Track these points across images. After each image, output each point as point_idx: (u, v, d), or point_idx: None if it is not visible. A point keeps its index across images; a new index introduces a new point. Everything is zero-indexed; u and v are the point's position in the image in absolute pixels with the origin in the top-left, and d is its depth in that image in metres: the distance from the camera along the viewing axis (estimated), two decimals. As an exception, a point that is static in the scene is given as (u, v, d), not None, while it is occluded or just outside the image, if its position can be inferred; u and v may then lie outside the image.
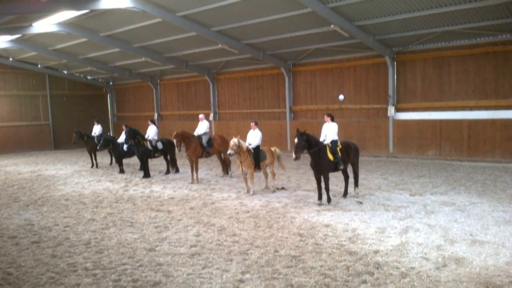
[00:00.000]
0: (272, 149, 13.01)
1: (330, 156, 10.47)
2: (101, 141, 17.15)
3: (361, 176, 14.39)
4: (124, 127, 16.57)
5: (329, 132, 10.85)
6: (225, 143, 15.30)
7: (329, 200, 10.58)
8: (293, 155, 10.25)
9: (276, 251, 7.30)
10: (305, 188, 12.83)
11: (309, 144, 10.20)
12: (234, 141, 11.74)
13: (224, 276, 6.31)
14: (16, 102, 28.46)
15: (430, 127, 17.73)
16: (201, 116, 15.97)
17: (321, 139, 10.75)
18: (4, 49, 24.25)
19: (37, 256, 7.52)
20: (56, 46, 23.51)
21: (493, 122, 16.24)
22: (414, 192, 11.67)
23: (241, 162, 11.87)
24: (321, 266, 6.56)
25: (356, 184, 11.54)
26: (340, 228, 8.51)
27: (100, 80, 32.18)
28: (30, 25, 18.47)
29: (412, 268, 6.41)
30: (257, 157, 12.10)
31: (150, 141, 16.11)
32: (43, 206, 11.68)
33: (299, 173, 15.55)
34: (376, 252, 7.11)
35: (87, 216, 10.33)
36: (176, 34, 19.35)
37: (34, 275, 6.64)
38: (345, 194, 11.35)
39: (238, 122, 24.90)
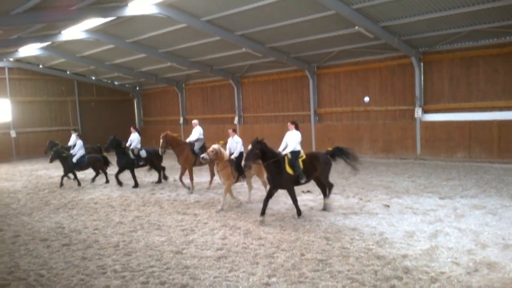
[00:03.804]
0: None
1: (289, 169, 9.50)
2: (52, 153, 15.80)
3: (387, 178, 14.26)
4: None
5: (290, 142, 9.88)
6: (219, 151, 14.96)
7: (299, 213, 9.76)
8: (242, 163, 9.57)
9: (302, 254, 7.27)
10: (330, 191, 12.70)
11: (263, 154, 9.31)
12: (214, 147, 11.06)
13: (250, 279, 6.32)
14: (46, 108, 29.20)
15: (458, 129, 17.34)
16: (194, 121, 15.53)
17: (280, 149, 9.93)
18: (34, 57, 24.99)
19: (68, 258, 7.70)
20: (84, 53, 24.05)
21: (524, 122, 15.79)
22: (444, 195, 11.43)
23: (218, 171, 11.11)
24: (348, 270, 6.50)
25: (328, 194, 10.50)
26: (367, 232, 8.41)
27: (127, 85, 32.73)
28: (59, 32, 18.95)
29: (442, 273, 6.28)
30: (240, 166, 10.97)
31: (133, 150, 15.24)
32: (73, 209, 11.95)
33: (324, 176, 15.43)
34: (405, 256, 6.99)
35: (115, 219, 10.51)
36: (200, 39, 19.53)
37: (65, 277, 6.79)
38: (325, 207, 10.43)
39: (262, 125, 24.92)
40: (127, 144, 15.34)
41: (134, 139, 15.36)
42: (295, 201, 9.76)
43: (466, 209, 9.88)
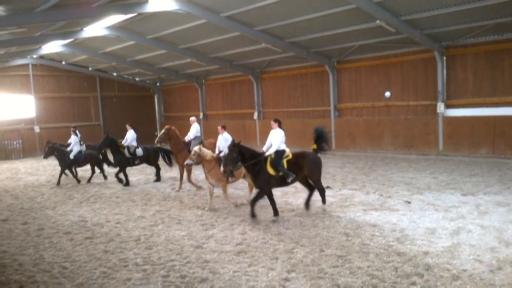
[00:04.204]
0: None
1: (270, 170, 9.12)
2: (46, 149, 15.71)
3: (409, 174, 14.08)
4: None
5: (273, 141, 9.48)
6: None
7: (252, 215, 9.18)
8: (221, 168, 9.35)
9: (322, 250, 7.25)
10: (350, 187, 12.64)
11: (242, 157, 9.02)
12: (195, 149, 10.62)
13: (269, 275, 6.34)
14: (69, 104, 29.76)
15: (482, 124, 16.98)
16: (192, 118, 15.10)
17: (264, 148, 9.60)
18: (57, 53, 25.45)
19: (90, 251, 7.85)
20: (106, 49, 24.38)
21: (551, 118, 15.38)
22: (466, 192, 11.23)
23: (206, 173, 10.60)
24: (368, 267, 6.46)
25: (323, 200, 10.00)
26: (387, 228, 8.34)
27: (147, 81, 33.07)
28: (82, 29, 19.24)
29: (464, 270, 6.19)
30: None
31: (128, 148, 14.77)
32: (96, 203, 12.17)
33: (344, 172, 15.34)
34: (426, 253, 6.91)
35: (137, 213, 10.66)
36: (220, 34, 19.58)
37: (88, 270, 6.93)
38: (306, 206, 9.90)
39: (282, 121, 24.74)
40: (123, 142, 14.90)
41: (129, 137, 14.94)
42: (254, 201, 9.23)
43: (489, 206, 9.69)
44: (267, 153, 9.31)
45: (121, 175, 14.78)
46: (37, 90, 28.29)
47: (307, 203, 9.93)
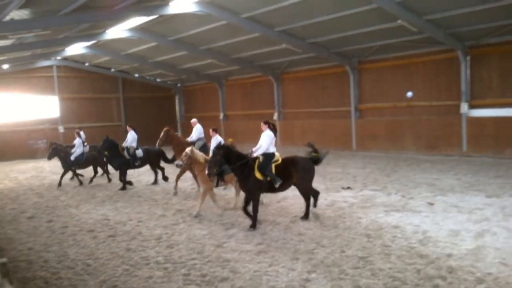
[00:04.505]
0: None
1: (258, 174, 8.68)
2: (50, 150, 15.76)
3: (432, 175, 13.87)
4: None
5: (262, 143, 9.03)
6: None
7: (253, 226, 8.76)
8: (206, 171, 9.10)
9: (343, 251, 7.21)
10: (371, 188, 12.52)
11: (228, 159, 8.68)
12: (186, 151, 10.31)
13: (290, 275, 6.33)
14: (92, 105, 30.25)
15: (508, 124, 16.59)
16: (193, 120, 14.78)
17: (254, 149, 9.19)
18: (81, 55, 25.92)
19: (113, 249, 7.97)
20: (128, 51, 24.71)
21: None
22: (491, 194, 10.99)
23: (195, 175, 10.23)
24: (390, 268, 6.38)
25: (305, 214, 9.39)
26: (409, 230, 8.23)
27: (169, 82, 33.39)
28: (104, 31, 19.56)
29: (489, 273, 6.06)
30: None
31: (128, 149, 14.40)
32: (118, 202, 12.34)
33: (365, 173, 15.20)
34: (449, 255, 6.79)
35: (158, 212, 10.77)
36: (240, 35, 19.64)
37: (110, 267, 7.04)
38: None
39: (302, 122, 24.83)
40: (123, 144, 14.63)
41: (129, 138, 14.58)
42: (255, 211, 8.79)
43: (515, 208, 9.47)
44: (254, 154, 8.96)
45: (125, 178, 14.44)
46: (61, 91, 28.87)
47: (315, 204, 9.51)
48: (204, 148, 13.11)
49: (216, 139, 11.66)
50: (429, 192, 11.48)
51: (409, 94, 19.28)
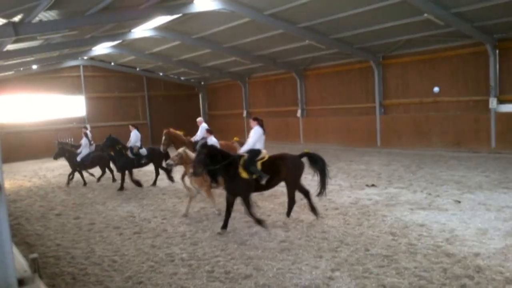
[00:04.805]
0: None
1: (243, 173, 8.39)
2: (57, 150, 15.85)
3: (459, 173, 13.57)
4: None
5: (250, 139, 8.81)
6: (231, 151, 13.56)
7: (260, 222, 8.55)
8: (190, 170, 8.92)
9: (367, 249, 7.13)
10: (397, 185, 12.34)
11: (211, 158, 8.34)
12: (178, 151, 10.19)
13: (313, 273, 6.30)
14: (118, 103, 30.76)
15: (539, 120, 16.13)
16: (198, 119, 14.57)
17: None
18: (107, 55, 26.38)
19: (138, 246, 8.09)
20: (153, 50, 25.00)
21: None
22: (521, 191, 10.70)
23: (189, 176, 10.03)
24: (416, 267, 6.28)
25: (288, 211, 9.20)
26: (436, 228, 8.08)
27: (192, 80, 33.65)
28: (129, 31, 19.82)
29: (519, 273, 5.90)
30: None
31: (131, 149, 14.21)
32: (143, 199, 12.52)
33: (389, 170, 14.99)
34: (477, 255, 6.64)
35: (182, 209, 10.86)
36: (263, 32, 19.62)
37: (136, 263, 7.15)
38: (314, 211, 9.09)
39: (326, 118, 24.66)
40: (127, 144, 14.46)
41: (132, 137, 14.44)
42: (249, 211, 8.55)
43: (547, 206, 9.19)
44: (240, 151, 8.77)
45: (135, 178, 14.26)
46: (87, 90, 29.44)
47: (313, 209, 9.09)
48: None
49: (211, 141, 11.45)
50: (456, 190, 11.24)
51: (436, 89, 18.92)
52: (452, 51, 18.57)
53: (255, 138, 8.77)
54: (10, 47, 18.17)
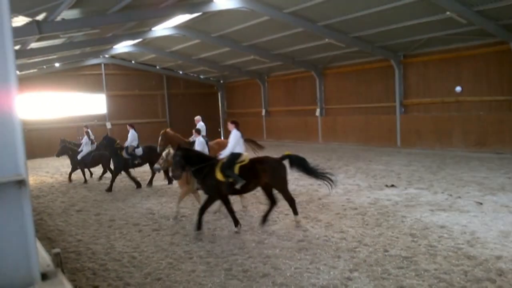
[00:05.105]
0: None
1: (219, 175, 8.35)
2: (60, 148, 16.15)
3: (481, 174, 13.33)
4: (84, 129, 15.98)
5: (230, 144, 8.76)
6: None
7: (236, 223, 8.59)
8: (170, 173, 8.77)
9: (386, 250, 7.06)
10: (417, 186, 12.19)
11: (187, 161, 8.45)
12: (163, 153, 10.11)
13: (331, 273, 6.28)
14: (138, 101, 31.10)
15: None
16: (196, 118, 14.53)
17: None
18: (128, 53, 26.70)
19: (157, 243, 8.18)
20: (172, 48, 25.20)
21: None
22: (545, 193, 10.45)
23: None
24: (436, 269, 6.20)
25: (294, 211, 8.84)
26: (457, 230, 7.95)
27: (211, 78, 33.80)
28: (150, 29, 20.02)
29: (543, 277, 5.77)
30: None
31: (127, 148, 14.15)
32: (162, 196, 12.65)
33: (409, 170, 14.82)
34: (499, 258, 6.52)
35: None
36: (283, 31, 19.58)
37: (155, 260, 7.23)
38: (263, 220, 8.84)
39: (345, 117, 24.49)
40: (125, 144, 14.44)
41: (129, 137, 14.40)
42: (228, 210, 8.64)
43: None
44: (221, 156, 8.72)
45: (134, 177, 14.32)
46: (108, 88, 29.85)
47: (265, 218, 8.85)
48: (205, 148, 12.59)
49: (199, 141, 11.30)
50: (478, 191, 11.04)
51: (458, 89, 18.60)
52: (474, 49, 18.23)
53: (234, 141, 8.71)
54: (33, 45, 18.54)
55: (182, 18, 18.10)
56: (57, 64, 26.55)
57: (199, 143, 11.48)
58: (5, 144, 3.77)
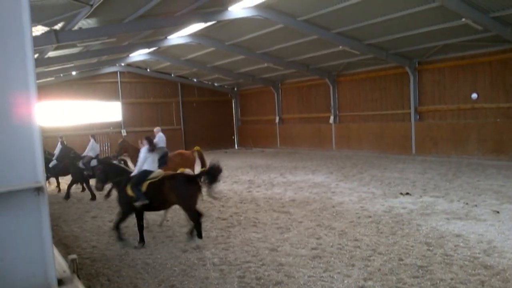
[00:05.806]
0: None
1: (129, 191, 8.37)
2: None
3: (498, 182, 13.13)
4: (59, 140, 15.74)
5: (138, 163, 8.81)
6: (187, 162, 13.66)
7: (140, 239, 8.53)
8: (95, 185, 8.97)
9: (401, 259, 6.99)
10: (432, 194, 12.05)
11: (106, 174, 8.67)
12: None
13: (345, 281, 6.23)
14: (153, 109, 31.43)
15: None
16: (155, 129, 14.51)
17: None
18: (143, 61, 27.03)
19: (171, 250, 8.21)
20: (187, 56, 25.44)
21: None
22: None
23: None
24: (452, 279, 6.12)
25: (198, 234, 8.35)
26: (473, 239, 7.84)
27: (225, 86, 33.98)
28: (165, 38, 20.26)
29: (562, 288, 5.66)
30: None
31: (83, 158, 13.98)
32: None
33: (425, 178, 14.67)
34: (517, 267, 6.41)
35: (214, 214, 10.96)
36: (296, 38, 19.64)
37: (168, 267, 7.25)
38: (190, 234, 8.58)
39: (359, 125, 24.38)
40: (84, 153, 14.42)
41: (88, 147, 14.40)
42: (117, 222, 8.61)
43: None
44: (132, 174, 8.75)
45: (90, 187, 13.84)
46: (124, 96, 30.23)
47: (191, 232, 8.56)
48: (163, 160, 12.50)
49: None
50: (495, 200, 10.88)
51: (474, 96, 18.41)
52: (491, 56, 18.04)
53: (141, 161, 8.71)
54: (51, 54, 18.91)
55: (197, 26, 18.29)
56: (73, 73, 26.99)
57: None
58: (24, 152, 3.85)
